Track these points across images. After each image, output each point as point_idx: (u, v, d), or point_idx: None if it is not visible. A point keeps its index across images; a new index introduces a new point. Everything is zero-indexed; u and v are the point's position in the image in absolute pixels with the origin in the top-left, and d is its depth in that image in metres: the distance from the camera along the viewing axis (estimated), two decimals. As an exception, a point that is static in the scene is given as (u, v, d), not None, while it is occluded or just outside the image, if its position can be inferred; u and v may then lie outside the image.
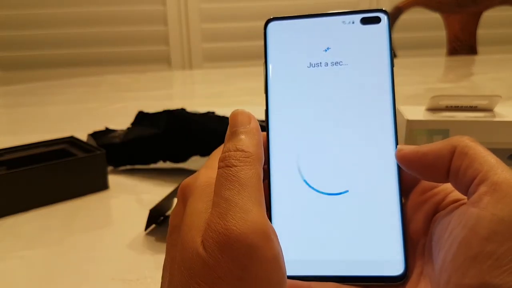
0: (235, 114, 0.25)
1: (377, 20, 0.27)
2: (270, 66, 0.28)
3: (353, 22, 0.27)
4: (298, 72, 0.28)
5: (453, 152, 0.23)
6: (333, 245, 0.25)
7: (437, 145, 0.24)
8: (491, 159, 0.22)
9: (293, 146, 0.27)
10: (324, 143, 0.27)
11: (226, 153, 0.23)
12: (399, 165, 0.25)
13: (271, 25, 0.28)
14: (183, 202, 0.25)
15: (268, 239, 0.20)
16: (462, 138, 0.23)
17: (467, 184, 0.22)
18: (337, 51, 0.27)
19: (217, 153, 0.27)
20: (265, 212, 0.21)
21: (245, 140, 0.23)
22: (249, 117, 0.25)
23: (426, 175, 0.25)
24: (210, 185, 0.24)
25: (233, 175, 0.22)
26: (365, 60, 0.27)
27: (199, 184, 0.24)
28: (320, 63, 0.27)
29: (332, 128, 0.27)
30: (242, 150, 0.23)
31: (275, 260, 0.20)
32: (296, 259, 0.25)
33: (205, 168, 0.26)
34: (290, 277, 0.25)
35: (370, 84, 0.27)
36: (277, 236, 0.21)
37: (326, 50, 0.27)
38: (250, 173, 0.22)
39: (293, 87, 0.27)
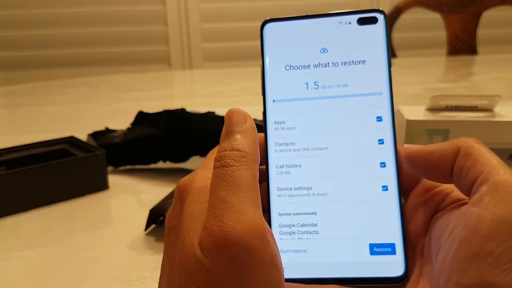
0: (230, 113, 0.25)
1: (374, 20, 0.27)
2: (267, 68, 0.28)
3: (349, 23, 0.27)
4: (295, 73, 0.27)
5: (457, 152, 0.23)
6: (333, 246, 0.25)
7: (442, 145, 0.24)
8: (494, 161, 0.22)
9: (292, 147, 0.27)
10: (323, 144, 0.27)
11: (222, 153, 0.23)
12: (405, 163, 0.25)
13: (268, 26, 0.28)
14: (180, 202, 0.25)
15: (265, 240, 0.20)
16: (467, 139, 0.23)
17: (469, 184, 0.22)
18: (334, 52, 0.27)
19: (214, 152, 0.27)
20: (261, 213, 0.21)
21: (241, 140, 0.23)
22: (245, 116, 0.25)
23: (430, 175, 0.25)
24: (206, 186, 0.23)
25: (229, 175, 0.22)
26: (362, 61, 0.27)
27: (196, 185, 0.24)
28: (317, 64, 0.27)
29: (330, 128, 0.27)
30: (238, 150, 0.23)
31: (272, 261, 0.20)
32: (296, 261, 0.25)
33: (201, 168, 0.26)
34: (290, 280, 0.25)
35: (368, 84, 0.27)
36: (273, 237, 0.21)
37: (322, 51, 0.27)
38: (246, 173, 0.22)
39: (290, 88, 0.27)
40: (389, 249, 0.25)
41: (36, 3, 1.83)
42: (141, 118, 0.65)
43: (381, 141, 0.26)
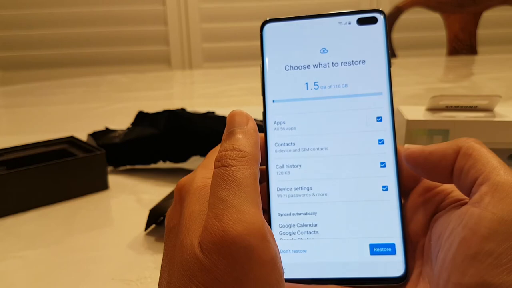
0: (232, 114, 0.25)
1: (373, 21, 0.27)
2: (266, 68, 0.28)
3: (349, 23, 0.27)
4: (295, 73, 0.27)
5: (457, 152, 0.23)
6: (333, 247, 0.25)
7: (443, 145, 0.24)
8: (494, 161, 0.22)
9: (292, 148, 0.27)
10: (323, 144, 0.27)
11: (223, 153, 0.23)
12: (405, 163, 0.25)
13: (267, 26, 0.28)
14: (180, 202, 0.25)
15: (265, 240, 0.20)
16: (468, 139, 0.23)
17: (470, 184, 0.22)
18: (334, 52, 0.27)
19: (214, 152, 0.27)
20: (262, 213, 0.21)
21: (242, 140, 0.24)
22: (247, 117, 0.25)
23: (431, 175, 0.25)
24: (206, 186, 0.24)
25: (230, 175, 0.22)
26: (362, 61, 0.27)
27: (196, 185, 0.24)
28: (317, 64, 0.27)
29: (329, 129, 0.27)
30: (239, 150, 0.23)
31: (272, 261, 0.20)
32: (296, 262, 0.25)
33: (201, 168, 0.26)
34: (290, 280, 0.25)
35: (368, 84, 0.27)
36: (274, 237, 0.21)
37: (322, 51, 0.27)
38: (246, 173, 0.22)
39: (290, 88, 0.27)
40: (389, 249, 0.25)
41: (36, 3, 1.83)
42: (141, 118, 0.65)
43: (381, 141, 0.26)
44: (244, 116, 0.25)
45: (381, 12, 0.27)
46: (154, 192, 0.55)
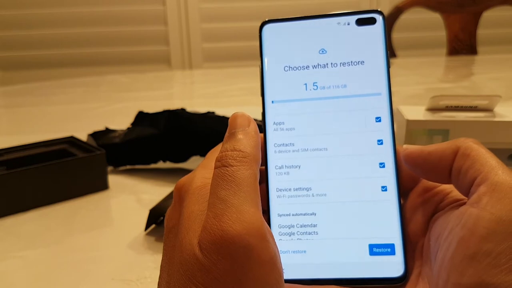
0: (234, 116, 0.25)
1: (372, 21, 0.27)
2: (266, 68, 0.28)
3: (348, 24, 0.27)
4: (294, 74, 0.28)
5: (456, 153, 0.23)
6: (333, 247, 0.25)
7: (441, 146, 0.24)
8: (492, 161, 0.22)
9: (291, 148, 0.27)
10: (322, 145, 0.27)
11: (223, 153, 0.23)
12: (404, 164, 0.25)
13: (266, 27, 0.28)
14: (179, 202, 0.25)
15: (264, 240, 0.20)
16: (466, 139, 0.23)
17: (468, 184, 0.22)
18: (333, 53, 0.27)
19: (213, 152, 0.27)
20: (261, 213, 0.21)
21: (243, 141, 0.24)
22: (249, 120, 0.25)
23: (429, 175, 0.25)
24: (205, 185, 0.24)
25: (230, 175, 0.22)
26: (361, 61, 0.27)
27: (195, 186, 0.24)
28: (316, 64, 0.27)
29: (329, 129, 0.27)
30: (240, 150, 0.23)
31: (272, 261, 0.20)
32: (295, 262, 0.25)
33: (201, 168, 0.26)
34: (289, 281, 0.25)
35: (367, 85, 0.27)
36: (273, 237, 0.21)
37: (321, 52, 0.27)
38: (246, 173, 0.22)
39: (289, 88, 0.27)
40: (388, 249, 0.25)
41: (36, 3, 1.83)
42: (141, 118, 0.65)
43: (380, 142, 0.26)
44: (246, 118, 0.25)
45: (380, 12, 0.27)
46: (154, 192, 0.55)
